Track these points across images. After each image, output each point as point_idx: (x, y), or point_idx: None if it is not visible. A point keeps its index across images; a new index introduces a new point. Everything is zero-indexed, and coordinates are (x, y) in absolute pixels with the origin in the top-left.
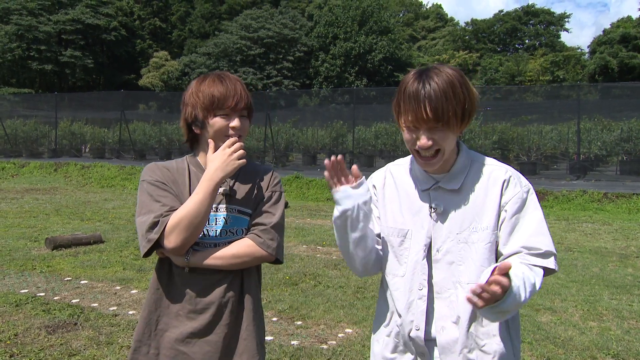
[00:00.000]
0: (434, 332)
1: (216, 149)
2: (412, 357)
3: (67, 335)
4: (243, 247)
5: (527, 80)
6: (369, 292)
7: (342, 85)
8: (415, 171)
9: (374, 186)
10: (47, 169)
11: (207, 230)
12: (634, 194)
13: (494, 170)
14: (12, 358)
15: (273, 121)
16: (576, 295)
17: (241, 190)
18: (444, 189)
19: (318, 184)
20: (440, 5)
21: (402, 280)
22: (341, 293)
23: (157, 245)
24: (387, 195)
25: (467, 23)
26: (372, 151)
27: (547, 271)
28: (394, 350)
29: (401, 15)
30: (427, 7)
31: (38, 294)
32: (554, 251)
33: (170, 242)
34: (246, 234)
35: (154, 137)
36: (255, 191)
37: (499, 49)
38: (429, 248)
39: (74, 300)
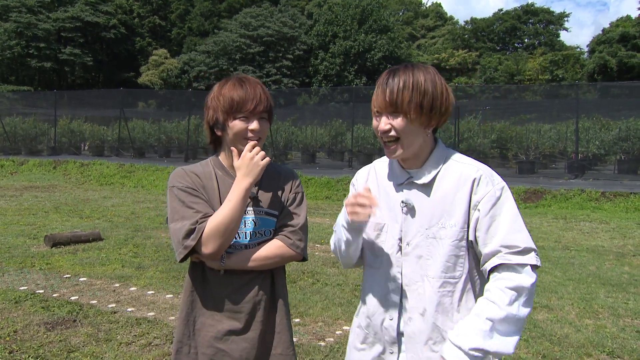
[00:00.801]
0: (402, 323)
1: (239, 152)
2: (381, 349)
3: (66, 332)
4: (274, 248)
5: (526, 79)
6: None
7: (342, 84)
8: (393, 166)
9: (357, 180)
10: (46, 166)
11: (238, 233)
12: (631, 193)
13: (465, 168)
14: (12, 354)
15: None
16: (572, 293)
17: (266, 192)
18: (416, 184)
19: (317, 182)
20: (440, 4)
21: (378, 273)
22: (339, 290)
23: (192, 251)
24: (370, 190)
25: (466, 22)
26: (371, 150)
27: (533, 268)
28: (364, 341)
29: (401, 13)
30: (427, 5)
31: (37, 291)
32: (533, 246)
33: (208, 248)
34: (274, 235)
35: (153, 135)
36: (280, 193)
37: (498, 48)
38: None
39: (73, 298)
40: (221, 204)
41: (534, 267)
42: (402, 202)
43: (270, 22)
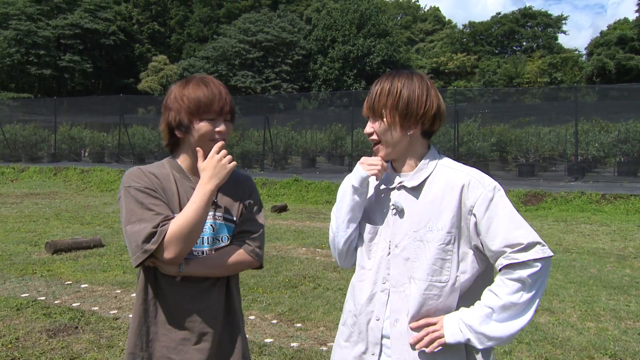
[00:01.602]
0: (387, 324)
1: (205, 154)
2: (364, 348)
3: (68, 339)
4: (235, 255)
5: (525, 82)
6: None
7: (341, 88)
8: (387, 172)
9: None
10: (46, 173)
11: None
12: (631, 195)
13: (453, 173)
14: None
15: (272, 124)
16: (574, 296)
17: (224, 197)
18: (406, 187)
19: (317, 187)
20: (438, 7)
21: (369, 273)
22: (340, 295)
23: (149, 255)
24: (366, 194)
25: (464, 25)
26: (371, 154)
27: (542, 259)
28: (347, 339)
29: (399, 18)
30: (425, 9)
31: (39, 298)
32: (537, 239)
33: (169, 252)
34: (231, 241)
35: (153, 140)
36: (238, 198)
37: (496, 51)
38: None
39: (74, 304)
40: (181, 208)
41: (543, 259)
42: (392, 204)
43: (269, 28)
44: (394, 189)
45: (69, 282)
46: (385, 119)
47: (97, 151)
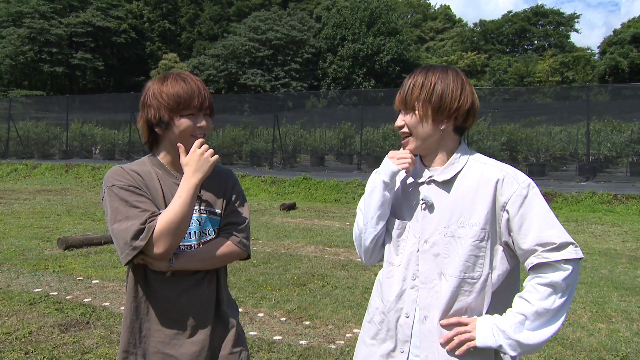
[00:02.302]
0: (417, 321)
1: (186, 150)
2: (392, 346)
3: (80, 334)
4: (223, 247)
5: (536, 81)
6: None
7: (350, 87)
8: (415, 166)
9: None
10: (58, 170)
11: None
12: None
13: (487, 168)
14: (27, 355)
15: (281, 122)
16: (585, 297)
17: (208, 191)
18: (436, 182)
19: (326, 185)
20: (449, 6)
21: (398, 270)
22: (349, 293)
23: (139, 252)
24: (395, 189)
25: (475, 24)
26: (380, 152)
27: (573, 261)
28: (374, 337)
29: (409, 16)
30: (436, 8)
31: (51, 293)
32: (570, 240)
33: (159, 248)
34: (218, 234)
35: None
36: (221, 192)
37: (507, 50)
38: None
39: (86, 300)
40: (166, 204)
41: (574, 260)
42: (422, 199)
43: (279, 26)
44: (423, 183)
45: (80, 278)
46: (417, 112)
47: (108, 148)
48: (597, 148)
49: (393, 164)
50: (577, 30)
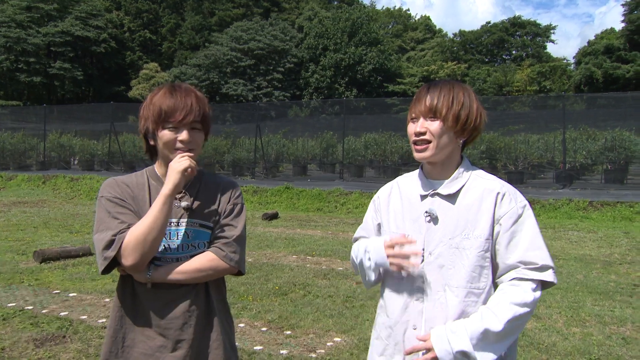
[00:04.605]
0: (423, 332)
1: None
2: (401, 358)
3: (56, 348)
4: (205, 260)
5: (514, 91)
6: (357, 301)
7: (332, 96)
8: (418, 179)
9: (378, 197)
10: (35, 181)
11: (169, 244)
12: (618, 202)
13: (489, 182)
14: None
15: (263, 132)
16: (560, 302)
17: (203, 203)
18: (440, 194)
19: (308, 195)
20: (429, 16)
21: (401, 283)
22: (330, 302)
23: (117, 262)
24: (391, 203)
25: (455, 34)
26: (362, 161)
27: (545, 284)
28: (382, 353)
29: (390, 26)
30: (416, 18)
31: (26, 307)
32: (551, 264)
33: (127, 259)
34: (208, 248)
35: (144, 148)
36: (217, 204)
37: (486, 60)
38: None
39: (62, 313)
40: None
41: (546, 284)
42: (426, 211)
43: (261, 36)
44: (426, 196)
45: (57, 291)
46: (446, 122)
47: (86, 159)
48: (573, 156)
49: (385, 259)
50: (553, 41)
